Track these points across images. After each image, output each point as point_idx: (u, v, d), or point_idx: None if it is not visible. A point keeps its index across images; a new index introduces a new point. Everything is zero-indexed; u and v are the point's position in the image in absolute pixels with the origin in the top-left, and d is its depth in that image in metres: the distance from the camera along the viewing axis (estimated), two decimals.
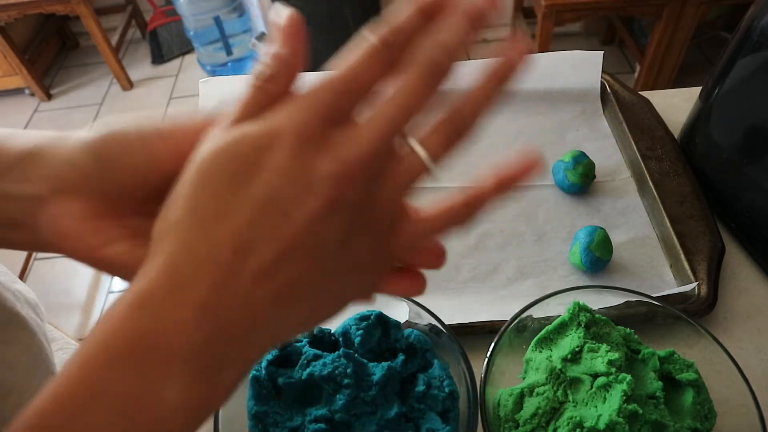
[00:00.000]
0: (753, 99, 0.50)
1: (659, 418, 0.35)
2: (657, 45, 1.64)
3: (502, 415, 0.38)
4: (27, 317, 0.33)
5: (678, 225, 0.53)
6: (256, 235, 0.18)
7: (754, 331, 0.47)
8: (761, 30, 0.47)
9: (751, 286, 0.51)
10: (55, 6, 1.95)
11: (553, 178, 0.60)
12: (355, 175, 0.19)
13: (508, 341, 0.40)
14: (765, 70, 0.48)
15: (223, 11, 2.11)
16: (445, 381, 0.39)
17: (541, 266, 0.54)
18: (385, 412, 0.37)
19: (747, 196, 0.52)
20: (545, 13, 1.56)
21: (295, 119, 0.19)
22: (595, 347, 0.38)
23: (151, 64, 2.41)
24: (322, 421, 0.36)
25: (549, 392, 0.37)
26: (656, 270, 0.52)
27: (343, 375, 0.37)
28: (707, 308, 0.47)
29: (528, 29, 2.03)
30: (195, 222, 0.18)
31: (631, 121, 0.63)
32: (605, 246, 0.51)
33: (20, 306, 0.34)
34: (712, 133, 0.56)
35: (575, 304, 0.40)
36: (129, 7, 2.43)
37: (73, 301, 1.59)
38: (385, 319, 0.41)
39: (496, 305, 0.50)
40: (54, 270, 1.67)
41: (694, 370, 0.38)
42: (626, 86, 0.68)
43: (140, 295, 0.18)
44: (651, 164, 0.58)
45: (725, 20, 1.97)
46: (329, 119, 0.19)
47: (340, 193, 0.19)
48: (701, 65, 1.98)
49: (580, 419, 0.35)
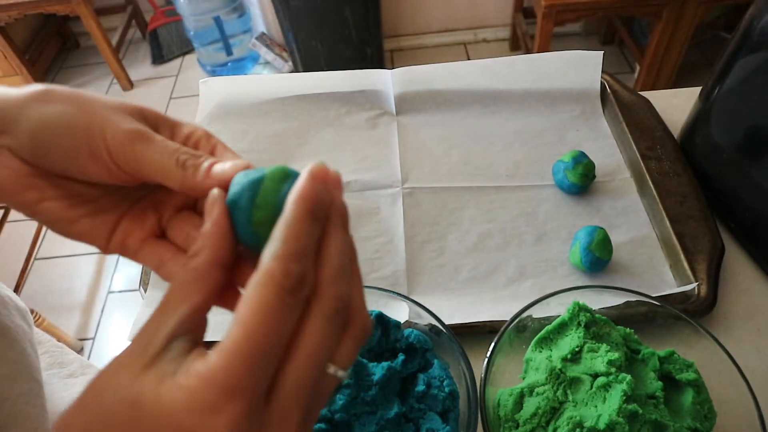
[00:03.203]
0: (753, 99, 0.50)
1: (659, 418, 0.35)
2: (657, 45, 1.64)
3: (502, 415, 0.38)
4: (11, 325, 0.34)
5: (678, 225, 0.53)
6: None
7: (754, 331, 0.47)
8: (761, 30, 0.47)
9: (751, 286, 0.51)
10: (56, 6, 1.95)
11: (553, 178, 0.60)
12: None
13: (508, 341, 0.40)
14: (765, 70, 0.48)
15: (223, 11, 2.11)
16: (445, 381, 0.39)
17: (541, 266, 0.54)
18: (385, 412, 0.37)
19: (747, 196, 0.52)
20: (545, 13, 1.56)
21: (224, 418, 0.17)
22: (595, 347, 0.38)
23: (151, 64, 2.41)
24: (322, 421, 0.36)
25: (549, 392, 0.37)
26: (656, 270, 0.52)
27: None
28: (707, 308, 0.47)
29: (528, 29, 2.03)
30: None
31: (631, 121, 0.63)
32: (605, 246, 0.51)
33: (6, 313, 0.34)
34: (712, 133, 0.56)
35: (575, 304, 0.40)
36: (129, 7, 2.43)
37: (73, 301, 1.59)
38: (385, 319, 0.41)
39: (496, 305, 0.50)
40: (54, 270, 1.67)
41: (694, 370, 0.38)
42: (626, 86, 0.68)
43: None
44: (651, 164, 0.59)
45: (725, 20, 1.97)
46: (254, 407, 0.18)
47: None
48: (701, 65, 1.98)
49: (580, 419, 0.35)
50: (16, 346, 0.33)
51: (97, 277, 1.65)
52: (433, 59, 0.74)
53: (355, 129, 0.68)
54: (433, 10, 2.23)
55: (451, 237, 0.57)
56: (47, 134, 0.23)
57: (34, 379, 0.34)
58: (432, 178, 0.62)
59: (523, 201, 0.59)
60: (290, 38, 1.96)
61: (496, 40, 2.31)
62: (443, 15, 2.25)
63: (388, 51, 2.27)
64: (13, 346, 0.33)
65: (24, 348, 0.34)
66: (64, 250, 1.72)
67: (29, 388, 0.33)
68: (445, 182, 0.62)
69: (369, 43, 1.99)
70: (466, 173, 0.63)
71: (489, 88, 0.70)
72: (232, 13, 2.16)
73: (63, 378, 0.41)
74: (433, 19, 2.26)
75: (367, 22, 1.91)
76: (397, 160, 0.64)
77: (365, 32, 1.94)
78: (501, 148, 0.65)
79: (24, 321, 0.37)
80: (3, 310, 0.34)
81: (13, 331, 0.34)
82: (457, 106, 0.69)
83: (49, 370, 0.41)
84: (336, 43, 1.96)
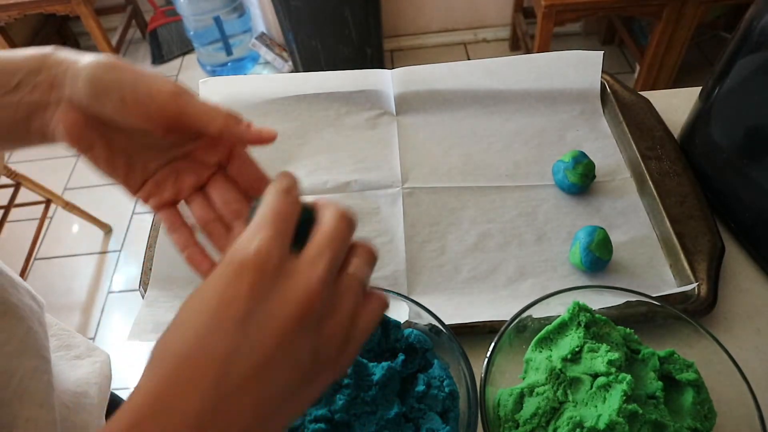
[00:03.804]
0: (753, 99, 0.50)
1: (659, 418, 0.35)
2: (657, 45, 1.64)
3: (502, 415, 0.38)
4: (19, 304, 0.35)
5: (678, 225, 0.53)
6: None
7: (754, 331, 0.47)
8: (761, 30, 0.47)
9: (751, 286, 0.51)
10: (56, 6, 1.95)
11: (553, 178, 0.60)
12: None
13: (508, 341, 0.40)
14: (765, 70, 0.48)
15: (223, 11, 2.11)
16: (445, 381, 0.39)
17: (541, 266, 0.54)
18: (385, 412, 0.37)
19: (747, 196, 0.52)
20: (545, 13, 1.56)
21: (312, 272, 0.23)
22: (595, 347, 0.38)
23: (151, 64, 2.41)
24: (322, 421, 0.36)
25: (549, 392, 0.37)
26: (656, 270, 0.52)
27: (343, 375, 0.37)
28: (707, 308, 0.47)
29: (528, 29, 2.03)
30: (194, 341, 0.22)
31: (631, 121, 0.63)
32: (605, 246, 0.51)
33: (15, 293, 0.35)
34: (712, 133, 0.56)
35: (575, 304, 0.40)
36: (129, 7, 2.43)
37: (73, 301, 1.59)
38: (385, 319, 0.41)
39: (496, 305, 0.50)
40: (54, 270, 1.67)
41: (694, 370, 0.38)
42: (626, 86, 0.68)
43: (140, 412, 0.20)
44: (651, 164, 0.59)
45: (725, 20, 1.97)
46: (283, 234, 0.24)
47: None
48: (701, 65, 1.98)
49: (580, 419, 0.35)
50: (23, 324, 0.35)
51: (97, 277, 1.65)
52: (433, 59, 0.74)
53: (355, 129, 0.68)
54: (433, 10, 2.23)
55: (451, 237, 0.57)
56: (100, 87, 0.29)
57: (41, 356, 0.35)
58: (432, 178, 0.62)
59: (523, 201, 0.59)
60: (290, 38, 1.96)
61: (496, 40, 2.31)
62: (443, 15, 2.25)
63: (388, 51, 2.27)
64: (21, 324, 0.34)
65: (31, 326, 0.35)
66: (64, 250, 1.72)
67: (36, 365, 0.34)
68: (445, 182, 0.62)
69: (369, 43, 1.99)
70: (466, 173, 0.63)
71: (489, 88, 0.69)
72: (232, 13, 2.16)
73: (70, 360, 0.43)
74: (433, 19, 2.26)
75: (367, 22, 1.91)
76: (397, 160, 0.64)
77: (365, 32, 1.94)
78: (501, 148, 0.65)
79: (34, 302, 0.38)
80: (12, 290, 0.35)
81: (21, 310, 0.35)
82: (457, 106, 0.69)
83: (56, 353, 0.43)
84: (336, 43, 1.96)
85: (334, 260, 0.24)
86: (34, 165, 1.96)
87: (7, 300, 0.34)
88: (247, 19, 2.24)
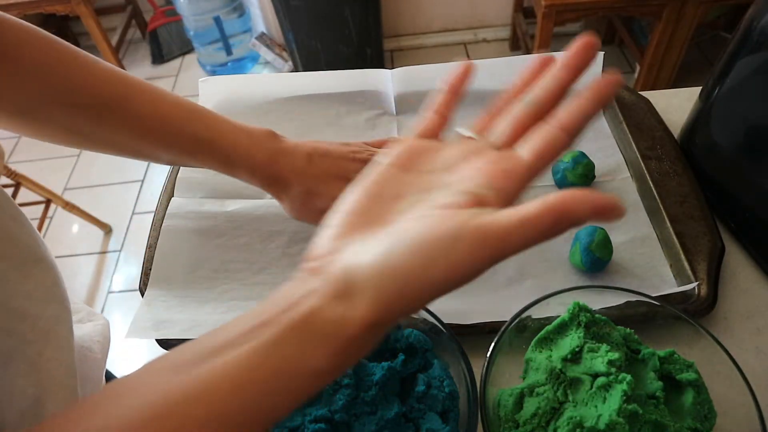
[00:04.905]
0: (753, 99, 0.50)
1: (659, 418, 0.35)
2: (657, 45, 1.64)
3: (502, 415, 0.38)
4: (46, 255, 0.37)
5: (678, 225, 0.53)
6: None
7: (754, 331, 0.47)
8: (761, 30, 0.47)
9: (751, 286, 0.51)
10: (55, 6, 1.95)
11: (553, 178, 0.60)
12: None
13: (508, 341, 0.40)
14: (765, 70, 0.48)
15: (223, 11, 2.11)
16: (445, 381, 0.39)
17: (541, 266, 0.54)
18: (385, 412, 0.37)
19: (747, 196, 0.52)
20: (545, 13, 1.56)
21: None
22: (595, 347, 0.38)
23: (151, 64, 2.41)
24: (322, 421, 0.36)
25: (549, 392, 0.37)
26: (656, 270, 0.52)
27: (343, 375, 0.37)
28: (707, 308, 0.47)
29: (528, 29, 2.03)
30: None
31: (631, 121, 0.63)
32: (605, 246, 0.51)
33: (43, 248, 0.38)
34: (712, 133, 0.56)
35: (575, 304, 0.40)
36: (129, 7, 2.43)
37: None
38: None
39: (496, 305, 0.50)
40: None
41: (694, 370, 0.38)
42: (626, 86, 0.68)
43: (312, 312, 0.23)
44: (651, 164, 0.58)
45: (725, 20, 1.97)
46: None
47: None
48: (701, 65, 1.98)
49: (580, 419, 0.35)
50: (50, 273, 0.37)
51: (97, 277, 1.65)
52: (433, 59, 0.74)
53: (355, 129, 0.68)
54: (433, 10, 2.23)
55: None
56: (319, 157, 0.47)
57: (64, 306, 0.38)
58: None
59: (523, 201, 0.59)
60: (290, 38, 1.96)
61: (496, 40, 2.31)
62: (443, 15, 2.25)
63: (388, 51, 2.27)
64: (49, 273, 0.37)
65: (57, 276, 0.38)
66: (64, 250, 1.72)
67: (59, 311, 0.37)
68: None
69: (369, 43, 1.99)
70: None
71: (489, 88, 0.69)
72: (232, 13, 2.16)
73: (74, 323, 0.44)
74: (433, 19, 2.26)
75: (367, 22, 1.91)
76: None
77: (365, 32, 1.94)
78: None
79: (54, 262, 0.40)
80: (41, 244, 0.37)
81: (49, 261, 0.37)
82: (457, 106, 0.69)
83: None
84: (336, 43, 1.96)
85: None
86: (34, 165, 1.96)
87: (38, 250, 0.36)
88: (247, 19, 2.24)
